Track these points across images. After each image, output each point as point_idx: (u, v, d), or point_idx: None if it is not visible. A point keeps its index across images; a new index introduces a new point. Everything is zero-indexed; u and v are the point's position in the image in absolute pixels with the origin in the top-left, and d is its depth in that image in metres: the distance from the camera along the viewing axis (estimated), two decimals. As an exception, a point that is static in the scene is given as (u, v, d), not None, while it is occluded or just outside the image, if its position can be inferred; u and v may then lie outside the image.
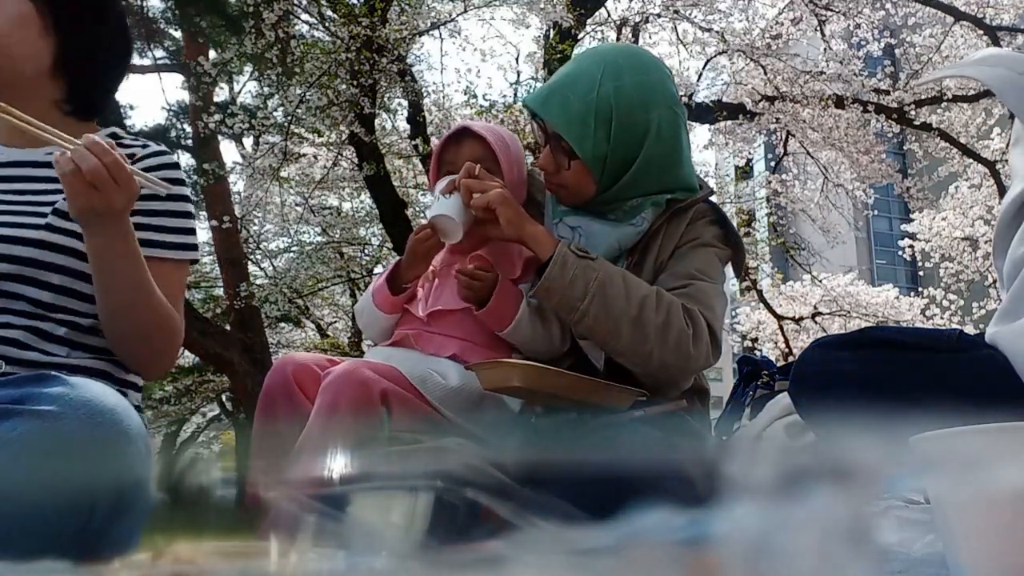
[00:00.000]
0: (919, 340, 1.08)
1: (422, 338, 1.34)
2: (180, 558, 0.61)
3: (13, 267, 1.06)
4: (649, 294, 1.21)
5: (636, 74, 1.29)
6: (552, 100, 1.29)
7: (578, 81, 1.28)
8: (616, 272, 1.22)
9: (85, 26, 1.18)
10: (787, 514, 0.57)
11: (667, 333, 1.19)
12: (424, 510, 0.84)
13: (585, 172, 1.29)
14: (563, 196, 1.36)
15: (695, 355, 1.20)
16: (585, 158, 1.27)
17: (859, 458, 0.59)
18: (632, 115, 1.27)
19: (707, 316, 1.23)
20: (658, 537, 0.58)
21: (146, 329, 1.10)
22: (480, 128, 1.40)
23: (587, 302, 1.18)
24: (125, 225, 1.03)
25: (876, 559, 0.66)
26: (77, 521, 0.86)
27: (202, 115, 6.22)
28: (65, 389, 0.87)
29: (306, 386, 1.21)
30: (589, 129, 1.26)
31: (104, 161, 0.96)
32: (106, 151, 0.97)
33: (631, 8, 6.89)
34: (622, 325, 1.18)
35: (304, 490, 0.90)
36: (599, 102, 1.26)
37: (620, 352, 1.22)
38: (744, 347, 10.18)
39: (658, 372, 1.22)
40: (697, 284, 1.26)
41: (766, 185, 8.83)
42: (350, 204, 9.15)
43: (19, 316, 1.07)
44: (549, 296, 1.21)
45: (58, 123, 1.16)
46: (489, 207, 1.23)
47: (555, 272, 1.19)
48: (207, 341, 6.45)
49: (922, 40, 7.31)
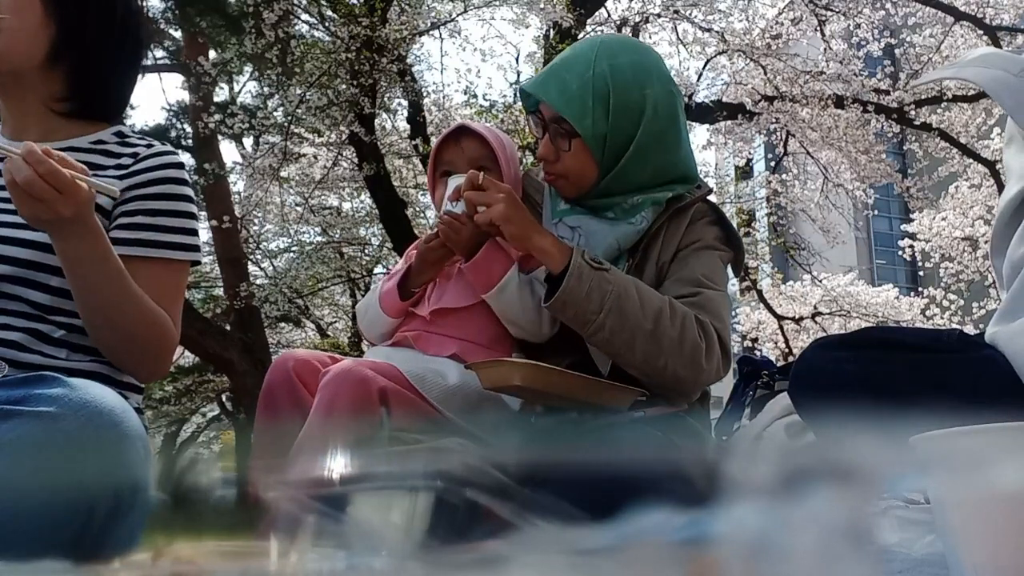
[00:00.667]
0: (919, 340, 1.08)
1: (422, 339, 1.34)
2: (180, 558, 0.61)
3: (11, 269, 1.06)
4: (663, 307, 1.20)
5: (629, 54, 1.31)
6: (549, 81, 1.30)
7: (574, 62, 1.30)
8: (630, 283, 1.21)
9: (88, 13, 1.15)
10: (787, 514, 0.57)
11: (682, 347, 1.18)
12: (424, 510, 0.84)
13: (586, 153, 1.29)
14: (564, 186, 1.36)
15: (707, 368, 1.20)
16: (585, 136, 1.27)
17: (859, 458, 0.59)
18: (628, 92, 1.28)
19: (718, 328, 1.23)
20: (658, 537, 0.58)
21: (129, 333, 1.08)
22: (478, 127, 1.41)
23: (603, 315, 1.17)
24: (84, 229, 1.00)
25: (876, 559, 0.66)
26: (76, 523, 0.85)
27: (202, 115, 6.22)
28: (65, 390, 0.86)
29: (308, 381, 1.20)
30: (587, 107, 1.26)
31: (38, 171, 0.92)
32: (40, 160, 0.93)
33: (631, 8, 6.90)
34: (637, 338, 1.18)
35: (304, 490, 0.90)
36: (595, 80, 1.26)
37: (633, 365, 1.21)
38: (744, 347, 10.18)
39: (671, 384, 1.22)
40: (706, 293, 1.26)
41: (766, 185, 8.83)
42: (350, 204, 9.16)
43: (18, 318, 1.06)
44: (564, 309, 1.20)
45: (57, 124, 1.15)
46: (492, 224, 1.23)
47: (571, 284, 1.18)
48: (207, 341, 6.45)
49: (922, 40, 7.31)
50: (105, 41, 1.18)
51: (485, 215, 1.22)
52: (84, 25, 1.15)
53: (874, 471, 0.60)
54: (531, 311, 1.29)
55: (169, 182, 1.18)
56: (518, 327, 1.31)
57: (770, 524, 0.57)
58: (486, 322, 1.33)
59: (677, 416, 1.22)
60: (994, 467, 0.59)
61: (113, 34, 1.19)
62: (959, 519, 0.62)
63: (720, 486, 0.65)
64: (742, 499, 0.59)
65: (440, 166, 1.40)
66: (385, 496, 0.85)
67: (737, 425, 1.68)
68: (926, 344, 1.07)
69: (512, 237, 1.23)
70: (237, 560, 0.64)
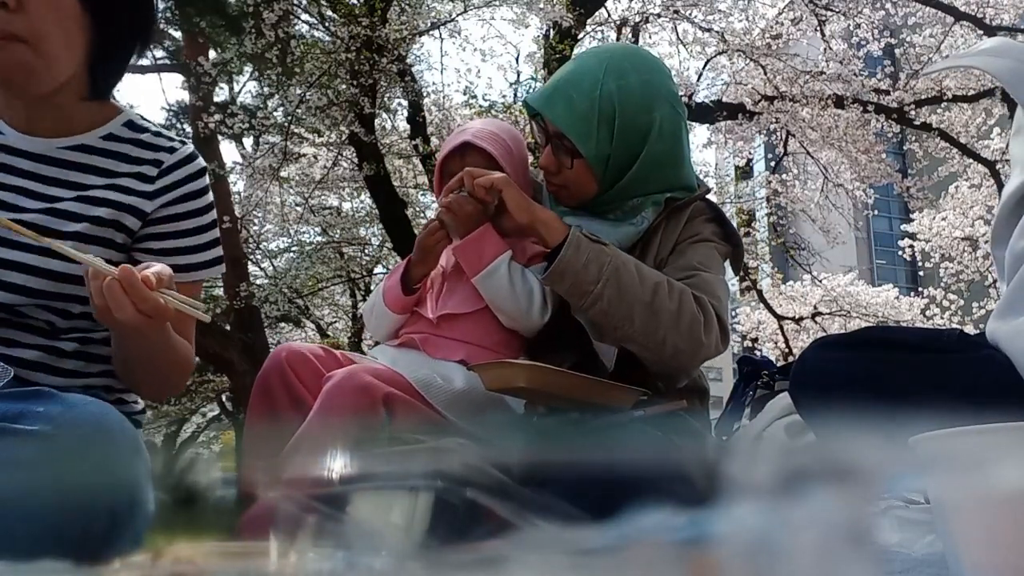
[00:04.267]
0: (919, 340, 1.08)
1: (429, 342, 1.33)
2: (180, 558, 0.61)
3: (29, 299, 1.03)
4: (661, 281, 1.20)
5: (639, 73, 1.28)
6: (555, 99, 1.28)
7: (581, 80, 1.28)
8: (628, 258, 1.22)
9: (121, 16, 1.06)
10: (787, 514, 0.57)
11: (680, 319, 1.18)
12: (424, 510, 0.84)
13: (587, 172, 1.29)
14: (564, 197, 1.36)
15: (707, 342, 1.20)
16: (588, 157, 1.27)
17: (859, 458, 0.59)
18: (635, 115, 1.27)
19: (714, 304, 1.23)
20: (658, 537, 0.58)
21: (164, 376, 1.08)
22: (482, 141, 1.37)
23: (601, 286, 1.17)
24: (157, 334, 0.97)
25: (876, 559, 0.66)
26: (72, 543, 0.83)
27: (202, 115, 6.21)
28: (61, 408, 0.84)
29: (300, 372, 1.21)
30: (592, 128, 1.26)
31: (140, 308, 0.88)
32: (144, 298, 0.88)
33: (631, 8, 6.89)
34: (635, 310, 1.18)
35: (304, 490, 0.89)
36: (602, 101, 1.25)
37: (632, 338, 1.21)
38: (744, 347, 10.18)
39: (670, 359, 1.21)
40: (701, 275, 1.26)
41: (766, 185, 8.83)
42: (350, 204, 9.15)
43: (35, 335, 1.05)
44: (562, 279, 1.19)
45: (77, 109, 1.09)
46: (495, 187, 1.22)
47: (569, 254, 1.18)
48: (207, 341, 6.44)
49: (922, 40, 7.31)
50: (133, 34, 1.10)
51: (486, 179, 1.23)
52: (119, 29, 1.07)
53: (874, 471, 0.60)
54: (522, 298, 1.29)
55: (196, 196, 1.14)
56: (508, 315, 1.30)
57: (770, 524, 0.57)
58: (493, 326, 1.33)
59: (677, 416, 1.22)
60: (994, 467, 0.59)
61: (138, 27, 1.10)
62: (959, 519, 0.62)
63: (720, 486, 0.65)
64: (742, 499, 0.59)
65: (445, 178, 1.39)
66: (385, 496, 0.85)
67: (737, 425, 1.68)
68: (926, 344, 1.07)
69: (516, 205, 1.23)
70: (237, 560, 0.64)
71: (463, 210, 1.26)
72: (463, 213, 1.26)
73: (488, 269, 1.27)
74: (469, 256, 1.28)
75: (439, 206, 1.29)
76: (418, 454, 1.09)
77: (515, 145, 1.41)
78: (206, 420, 14.50)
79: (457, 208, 1.26)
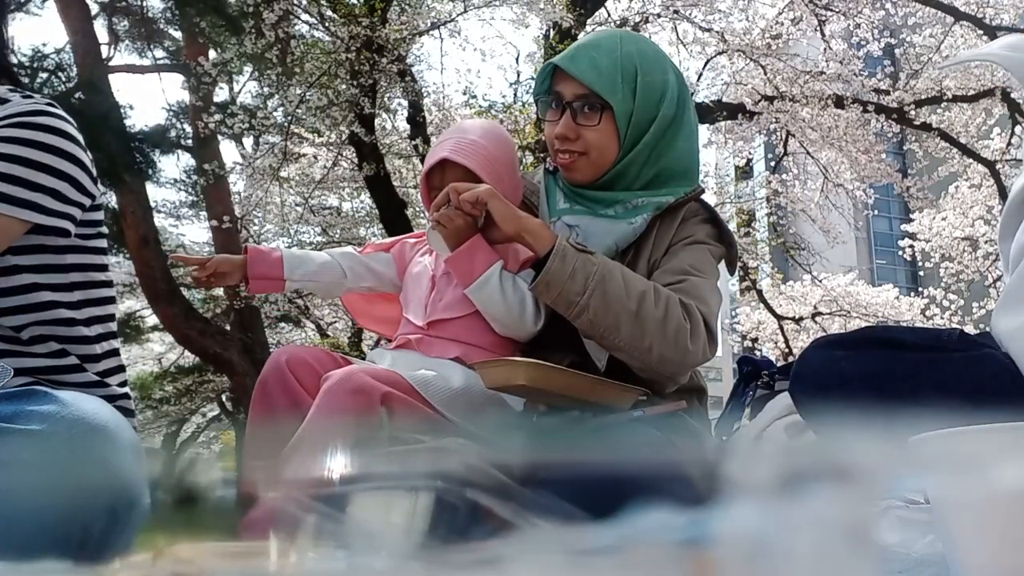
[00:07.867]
0: (919, 340, 1.08)
1: (425, 342, 1.34)
2: (180, 558, 0.61)
3: None
4: (647, 289, 1.21)
5: (649, 43, 1.40)
6: (579, 57, 1.32)
7: (600, 43, 1.34)
8: (615, 266, 1.22)
9: None
10: (787, 514, 0.57)
11: (666, 327, 1.19)
12: (424, 510, 0.84)
13: (612, 131, 1.32)
14: (581, 166, 1.35)
15: (692, 350, 1.21)
16: (616, 110, 1.30)
17: (859, 458, 0.58)
18: (653, 73, 1.33)
19: (703, 310, 1.23)
20: (658, 537, 0.58)
21: None
22: (460, 155, 1.34)
23: (587, 296, 1.18)
24: None
25: (876, 559, 0.66)
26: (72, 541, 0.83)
27: (202, 115, 6.21)
28: (56, 407, 0.84)
29: (300, 375, 1.21)
30: (617, 83, 1.30)
31: None
32: None
33: (631, 8, 6.90)
34: (622, 319, 1.18)
35: (304, 490, 0.89)
36: (623, 59, 1.31)
37: (619, 347, 1.21)
38: (744, 347, 10.18)
39: (657, 367, 1.22)
40: (691, 280, 1.27)
41: (766, 185, 8.83)
42: (350, 204, 9.16)
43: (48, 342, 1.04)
44: (549, 290, 1.20)
45: None
46: (480, 201, 1.23)
47: (555, 265, 1.19)
48: (207, 341, 6.44)
49: (922, 40, 7.32)
50: None
51: (471, 194, 1.23)
52: None
53: (874, 471, 0.60)
54: (514, 307, 1.30)
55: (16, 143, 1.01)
56: (501, 323, 1.31)
57: (770, 524, 0.57)
58: (485, 328, 1.33)
59: (677, 416, 1.22)
60: (994, 467, 0.59)
61: None
62: (959, 519, 0.62)
63: (720, 486, 0.65)
64: (742, 499, 0.59)
65: (431, 190, 1.38)
66: (385, 496, 0.85)
67: (737, 425, 1.68)
68: (926, 344, 1.07)
69: (501, 216, 1.23)
70: (237, 560, 0.64)
71: (453, 224, 1.27)
72: (453, 227, 1.27)
73: (480, 280, 1.28)
74: (461, 268, 1.29)
75: (430, 220, 1.29)
76: (418, 454, 1.09)
77: (498, 148, 1.38)
78: (206, 420, 14.51)
79: (447, 222, 1.27)
